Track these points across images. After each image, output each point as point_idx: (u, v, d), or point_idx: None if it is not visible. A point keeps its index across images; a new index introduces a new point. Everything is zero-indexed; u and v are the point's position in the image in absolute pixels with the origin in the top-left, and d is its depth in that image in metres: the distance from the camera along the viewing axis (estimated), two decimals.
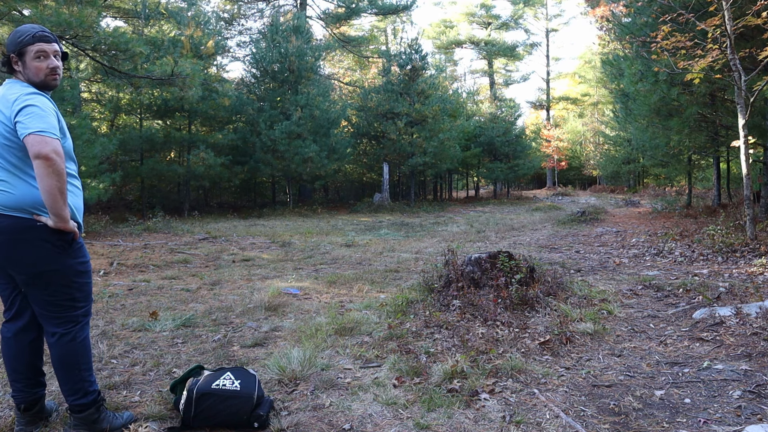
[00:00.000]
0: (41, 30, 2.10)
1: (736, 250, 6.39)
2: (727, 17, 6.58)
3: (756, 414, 2.27)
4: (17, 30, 2.11)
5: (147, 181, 16.26)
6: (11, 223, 1.99)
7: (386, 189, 20.04)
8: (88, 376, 2.16)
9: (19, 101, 1.96)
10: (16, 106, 1.95)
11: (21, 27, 2.13)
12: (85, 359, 2.15)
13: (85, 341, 2.16)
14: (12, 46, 2.09)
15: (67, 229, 2.02)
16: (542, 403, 2.46)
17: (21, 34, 2.08)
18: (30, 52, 2.07)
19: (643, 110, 11.14)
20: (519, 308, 3.91)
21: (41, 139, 1.91)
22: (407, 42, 20.62)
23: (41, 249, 2.02)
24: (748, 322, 3.42)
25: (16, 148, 2.00)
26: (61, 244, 2.05)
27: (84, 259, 2.17)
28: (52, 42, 2.12)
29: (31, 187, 2.01)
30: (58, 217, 1.97)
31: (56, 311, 2.09)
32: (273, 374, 2.80)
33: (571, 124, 35.63)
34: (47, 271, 2.04)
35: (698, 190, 18.77)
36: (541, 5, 38.06)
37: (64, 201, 1.96)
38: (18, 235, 2.00)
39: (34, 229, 2.01)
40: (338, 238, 10.02)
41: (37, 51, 2.07)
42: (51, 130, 1.95)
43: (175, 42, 14.33)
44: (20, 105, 1.95)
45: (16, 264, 2.03)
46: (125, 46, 9.37)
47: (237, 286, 5.44)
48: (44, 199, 1.94)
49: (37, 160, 1.89)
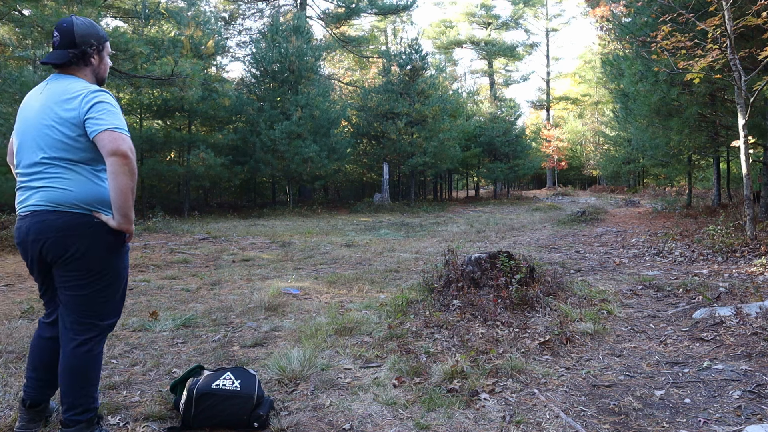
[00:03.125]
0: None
1: (736, 250, 6.39)
2: (727, 17, 6.58)
3: (756, 414, 2.27)
4: (93, 23, 2.05)
5: (147, 181, 16.25)
6: (68, 219, 1.92)
7: (386, 189, 20.04)
8: (93, 391, 2.05)
9: (89, 97, 1.90)
10: (86, 103, 1.89)
11: (89, 20, 2.06)
12: (94, 374, 2.05)
13: (99, 356, 2.06)
14: (96, 38, 2.02)
15: (129, 230, 1.98)
16: (542, 403, 2.46)
17: (100, 29, 2.04)
18: (108, 48, 2.06)
19: (643, 110, 11.14)
20: (519, 308, 3.91)
21: (118, 135, 1.87)
22: (407, 42, 20.64)
23: (95, 247, 1.96)
24: (748, 322, 3.42)
25: (78, 144, 1.92)
26: (115, 244, 2.00)
27: (127, 264, 2.12)
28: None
29: (92, 183, 1.96)
30: (124, 218, 1.92)
31: (86, 315, 2.00)
32: (273, 374, 2.80)
33: (571, 124, 35.63)
34: (95, 270, 1.97)
35: (698, 190, 18.77)
36: (542, 5, 38.04)
37: (133, 201, 1.92)
38: (73, 231, 1.92)
39: (91, 226, 1.94)
40: (338, 238, 10.02)
41: (109, 48, 2.06)
42: (125, 128, 1.91)
43: (175, 42, 14.33)
44: (91, 101, 1.89)
45: (66, 261, 1.94)
46: (125, 46, 9.38)
47: (237, 286, 5.44)
48: (115, 197, 1.87)
49: (113, 157, 1.83)
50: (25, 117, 2.02)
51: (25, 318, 4.06)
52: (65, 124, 1.91)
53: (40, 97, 2.00)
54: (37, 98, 2.01)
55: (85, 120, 1.88)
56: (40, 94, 2.01)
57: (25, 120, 2.01)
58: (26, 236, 1.97)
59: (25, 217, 1.98)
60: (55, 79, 2.01)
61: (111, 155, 1.85)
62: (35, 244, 1.95)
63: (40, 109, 1.97)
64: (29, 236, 1.96)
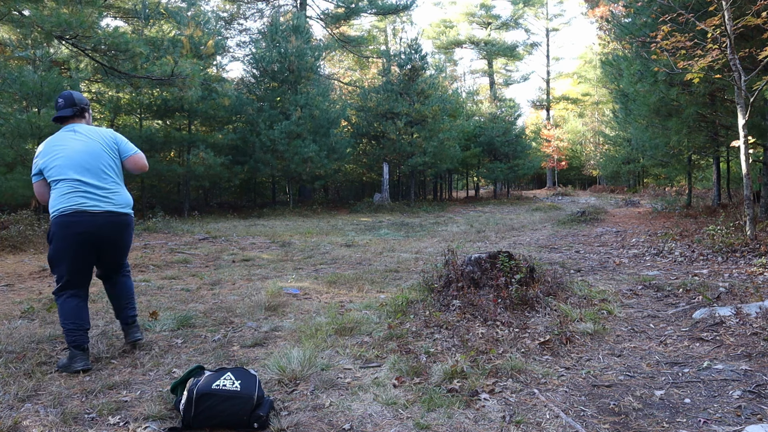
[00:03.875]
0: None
1: (736, 250, 6.39)
2: (727, 17, 6.58)
3: (756, 414, 2.27)
4: (80, 94, 3.24)
5: (147, 181, 16.26)
6: (132, 218, 3.22)
7: (386, 189, 20.04)
8: (136, 301, 3.39)
9: (111, 133, 3.20)
10: (112, 136, 3.17)
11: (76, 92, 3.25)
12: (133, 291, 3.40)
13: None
14: (85, 102, 3.22)
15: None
16: (542, 403, 2.46)
17: (83, 98, 3.27)
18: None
19: (642, 110, 11.15)
20: (519, 308, 3.91)
21: (142, 156, 3.25)
22: (407, 42, 20.63)
23: (132, 232, 3.26)
24: (748, 322, 3.42)
25: (118, 163, 3.17)
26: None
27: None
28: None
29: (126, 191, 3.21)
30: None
31: (123, 263, 3.31)
32: (273, 374, 2.80)
33: (571, 124, 35.63)
34: (130, 243, 3.28)
35: (698, 190, 18.77)
36: (542, 5, 38.05)
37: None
38: (132, 223, 3.24)
39: (132, 220, 3.24)
40: (338, 238, 10.02)
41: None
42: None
43: (175, 42, 14.33)
44: (114, 135, 3.20)
45: (125, 244, 3.20)
46: (125, 46, 9.37)
47: (237, 286, 5.44)
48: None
49: (142, 171, 3.27)
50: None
51: (25, 318, 4.06)
52: (111, 149, 3.23)
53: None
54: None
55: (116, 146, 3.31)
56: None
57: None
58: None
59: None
60: (84, 125, 3.22)
61: (141, 170, 3.34)
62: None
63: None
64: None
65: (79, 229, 2.94)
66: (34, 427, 2.25)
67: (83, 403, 2.50)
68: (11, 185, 9.32)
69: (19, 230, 8.14)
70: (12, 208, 9.53)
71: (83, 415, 2.37)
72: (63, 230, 2.93)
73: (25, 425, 2.27)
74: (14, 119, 9.21)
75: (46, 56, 10.81)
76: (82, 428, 2.26)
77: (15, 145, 9.49)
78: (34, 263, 6.74)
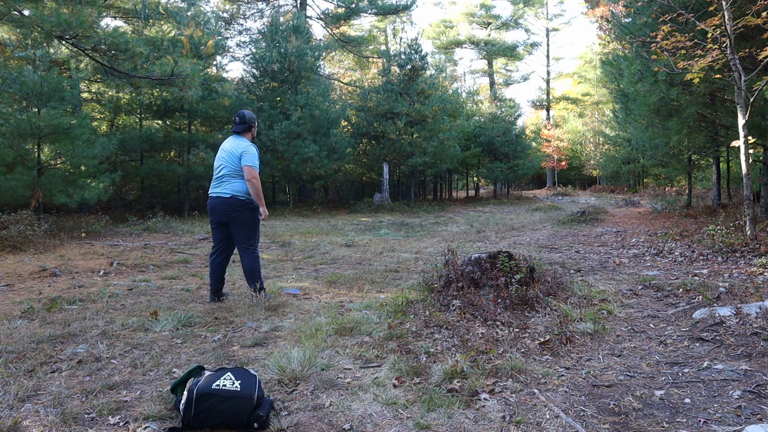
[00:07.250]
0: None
1: (736, 250, 6.39)
2: (727, 17, 6.58)
3: (756, 414, 2.27)
4: (251, 113, 4.69)
5: (147, 181, 16.24)
6: (241, 200, 4.47)
7: (386, 189, 20.03)
8: (259, 275, 4.60)
9: (244, 146, 4.47)
10: (242, 148, 4.45)
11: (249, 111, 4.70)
12: (258, 267, 4.60)
13: (258, 258, 4.61)
14: (254, 120, 4.67)
15: (262, 207, 4.53)
16: (542, 403, 2.46)
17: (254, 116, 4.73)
18: (256, 126, 4.77)
19: (642, 110, 11.14)
20: (519, 308, 3.91)
21: (251, 169, 4.41)
22: (407, 42, 20.61)
23: (249, 213, 4.50)
24: (748, 322, 3.42)
25: (240, 166, 4.44)
26: (255, 211, 4.53)
27: (259, 219, 4.55)
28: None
29: (244, 183, 4.46)
30: (258, 201, 4.50)
31: (246, 241, 4.52)
32: (273, 374, 2.80)
33: (571, 124, 35.62)
34: (248, 221, 4.50)
35: (698, 190, 18.77)
36: (542, 5, 38.03)
37: (260, 197, 4.47)
38: (240, 206, 4.47)
39: (248, 203, 4.49)
40: (338, 238, 10.02)
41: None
42: (256, 164, 4.46)
43: (175, 42, 14.32)
44: (244, 149, 4.46)
45: (235, 220, 4.46)
46: (125, 46, 9.38)
47: (237, 286, 5.44)
48: (252, 195, 4.47)
49: (248, 181, 4.42)
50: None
51: (25, 318, 4.06)
52: (237, 156, 4.55)
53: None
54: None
55: (240, 156, 4.51)
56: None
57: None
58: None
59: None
60: (239, 137, 4.64)
61: (247, 180, 4.45)
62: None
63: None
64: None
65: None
66: (34, 427, 2.25)
67: (83, 403, 2.50)
68: (11, 185, 9.32)
69: (19, 230, 8.14)
70: (12, 208, 9.52)
71: (83, 415, 2.37)
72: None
73: (25, 425, 2.27)
74: (14, 119, 9.19)
75: (46, 56, 10.79)
76: (82, 428, 2.26)
77: (15, 145, 9.48)
78: (34, 263, 6.73)
